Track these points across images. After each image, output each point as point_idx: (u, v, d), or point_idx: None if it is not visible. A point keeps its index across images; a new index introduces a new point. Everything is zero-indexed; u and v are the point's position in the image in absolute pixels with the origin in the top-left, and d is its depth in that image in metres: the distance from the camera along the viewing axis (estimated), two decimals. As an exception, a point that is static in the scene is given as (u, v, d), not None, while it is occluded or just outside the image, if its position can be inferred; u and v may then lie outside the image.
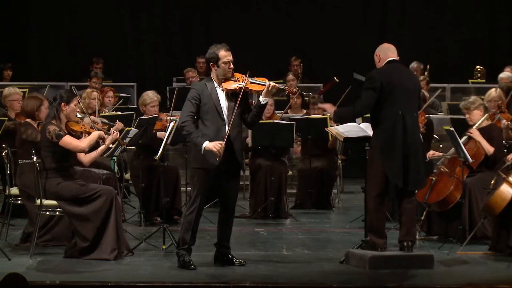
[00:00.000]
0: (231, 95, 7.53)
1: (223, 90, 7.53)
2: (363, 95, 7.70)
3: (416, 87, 7.85)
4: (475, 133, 8.83)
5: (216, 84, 7.54)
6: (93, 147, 8.16)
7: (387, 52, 7.83)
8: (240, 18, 16.47)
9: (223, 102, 7.50)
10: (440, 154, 9.16)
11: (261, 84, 7.54)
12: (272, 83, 7.52)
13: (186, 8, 16.73)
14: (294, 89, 7.89)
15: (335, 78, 13.28)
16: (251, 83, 7.50)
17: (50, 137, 7.81)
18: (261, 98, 7.51)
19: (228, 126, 7.44)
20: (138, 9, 16.82)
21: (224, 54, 7.51)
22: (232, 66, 7.53)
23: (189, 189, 9.15)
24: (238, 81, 7.51)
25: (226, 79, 7.53)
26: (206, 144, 7.34)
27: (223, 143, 7.33)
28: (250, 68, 7.63)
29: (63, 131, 7.86)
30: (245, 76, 7.49)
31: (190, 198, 7.64)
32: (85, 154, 8.10)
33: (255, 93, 7.56)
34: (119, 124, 9.70)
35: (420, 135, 7.85)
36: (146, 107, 10.06)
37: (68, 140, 7.80)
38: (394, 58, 7.80)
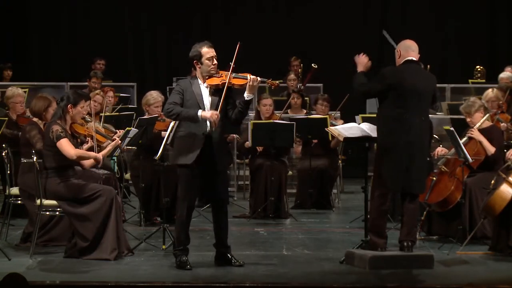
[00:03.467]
0: (215, 91, 7.54)
1: (207, 86, 7.55)
2: (372, 81, 7.71)
3: (429, 90, 7.75)
4: (475, 133, 8.83)
5: (200, 81, 7.56)
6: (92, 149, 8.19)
7: (408, 50, 7.77)
8: (240, 18, 16.48)
9: (206, 99, 7.52)
10: (447, 151, 9.10)
11: (243, 78, 7.53)
12: (252, 76, 7.47)
13: (186, 8, 16.73)
14: (276, 82, 7.86)
15: (313, 65, 13.29)
16: (234, 78, 7.50)
17: (52, 137, 7.82)
18: (245, 94, 7.50)
19: (210, 122, 7.44)
20: (138, 9, 16.83)
21: (207, 51, 7.54)
22: (215, 62, 7.55)
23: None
24: (222, 77, 7.52)
25: (210, 76, 7.54)
26: (201, 112, 7.38)
27: (218, 113, 7.35)
28: (250, 68, 7.62)
29: (65, 133, 7.86)
30: (229, 72, 7.48)
31: (178, 199, 7.61)
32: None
33: (238, 87, 7.53)
34: (121, 132, 9.66)
35: (428, 139, 7.83)
36: (150, 107, 10.06)
37: (63, 143, 7.79)
38: (413, 58, 7.75)
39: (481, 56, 16.14)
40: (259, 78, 7.51)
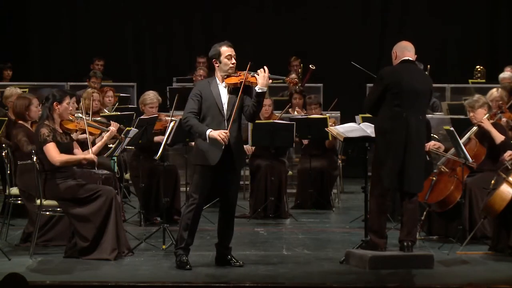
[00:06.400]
0: (233, 90, 7.55)
1: (225, 86, 7.56)
2: (370, 90, 7.77)
3: (426, 89, 7.77)
4: (485, 122, 8.80)
5: (218, 81, 7.57)
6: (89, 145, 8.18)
7: (404, 51, 7.80)
8: (240, 18, 16.48)
9: (224, 98, 7.53)
10: (440, 144, 9.07)
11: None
12: (262, 70, 7.49)
13: (186, 8, 16.73)
14: (295, 80, 7.87)
15: (310, 65, 13.32)
16: (252, 76, 7.52)
17: (40, 141, 7.81)
18: (257, 87, 7.51)
19: (228, 121, 7.46)
20: (138, 9, 16.83)
21: (226, 49, 7.55)
22: (234, 61, 7.55)
23: (189, 188, 9.14)
24: (240, 76, 7.54)
25: (229, 75, 7.55)
26: (210, 133, 7.38)
27: (227, 131, 7.37)
28: (250, 68, 7.62)
29: (53, 135, 7.83)
30: (246, 70, 7.50)
31: (189, 197, 7.63)
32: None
33: (256, 85, 7.55)
34: (114, 125, 9.64)
35: (425, 138, 7.85)
36: (145, 107, 10.07)
37: (49, 148, 7.78)
38: (410, 58, 7.78)
39: (481, 56, 16.14)
40: (266, 73, 7.49)
